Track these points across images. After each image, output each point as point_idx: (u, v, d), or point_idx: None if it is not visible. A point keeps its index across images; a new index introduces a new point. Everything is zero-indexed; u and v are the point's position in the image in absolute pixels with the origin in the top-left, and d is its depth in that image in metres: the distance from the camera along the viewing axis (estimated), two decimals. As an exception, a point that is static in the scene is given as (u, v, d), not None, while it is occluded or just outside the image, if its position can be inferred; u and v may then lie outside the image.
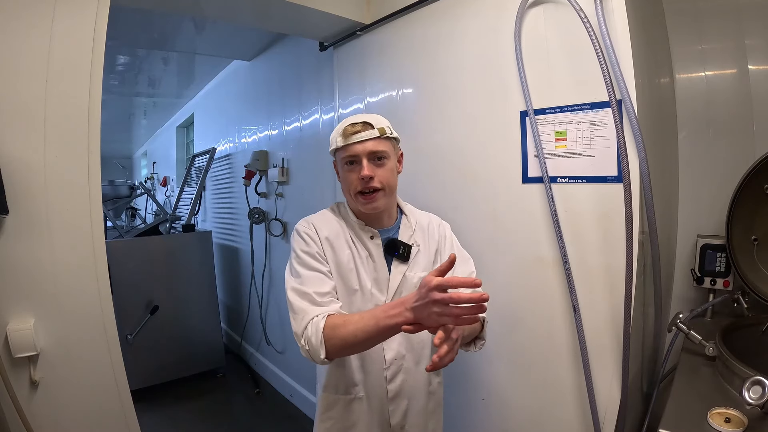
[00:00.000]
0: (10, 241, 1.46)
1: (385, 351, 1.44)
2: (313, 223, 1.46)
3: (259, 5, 2.28)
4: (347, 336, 1.21)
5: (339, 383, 1.48)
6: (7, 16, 1.44)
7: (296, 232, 1.45)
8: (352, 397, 1.47)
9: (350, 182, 1.41)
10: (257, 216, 4.02)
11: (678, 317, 1.53)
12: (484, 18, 1.85)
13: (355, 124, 1.39)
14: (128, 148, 10.77)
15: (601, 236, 1.54)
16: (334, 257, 1.43)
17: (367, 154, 1.37)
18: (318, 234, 1.43)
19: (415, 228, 1.54)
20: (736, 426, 1.04)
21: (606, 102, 1.47)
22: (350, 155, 1.38)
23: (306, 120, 3.38)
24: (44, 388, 1.52)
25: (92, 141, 1.59)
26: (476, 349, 1.49)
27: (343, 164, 1.42)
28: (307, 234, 1.43)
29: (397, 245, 1.46)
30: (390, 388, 1.47)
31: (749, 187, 1.55)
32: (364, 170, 1.36)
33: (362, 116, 1.43)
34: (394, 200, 1.53)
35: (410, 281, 1.47)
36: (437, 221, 1.62)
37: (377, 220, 1.49)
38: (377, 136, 1.38)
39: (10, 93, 1.45)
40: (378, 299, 1.43)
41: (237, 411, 3.80)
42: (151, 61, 4.47)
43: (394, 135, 1.45)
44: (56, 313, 1.54)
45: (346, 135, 1.38)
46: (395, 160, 1.47)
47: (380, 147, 1.38)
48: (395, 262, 1.47)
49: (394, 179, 1.45)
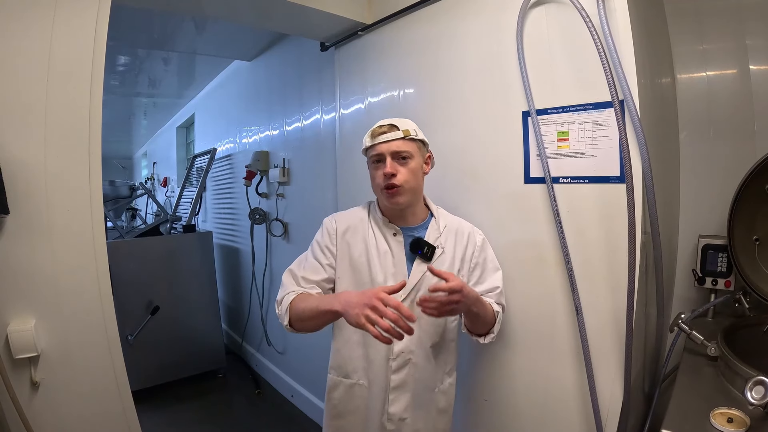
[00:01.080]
0: (10, 242, 1.45)
1: (395, 343, 1.44)
2: (336, 218, 1.63)
3: (261, 5, 2.28)
4: (300, 311, 1.42)
5: (341, 366, 1.60)
6: (7, 17, 1.44)
7: (322, 224, 1.64)
8: (353, 382, 1.58)
9: (376, 179, 1.53)
10: (258, 216, 4.01)
11: (680, 317, 1.53)
12: (486, 18, 1.85)
13: (382, 126, 1.54)
14: (128, 148, 10.78)
15: (603, 236, 1.54)
16: (348, 251, 1.57)
17: (391, 153, 1.50)
18: (336, 228, 1.59)
19: (443, 231, 1.62)
20: (739, 426, 1.04)
21: (608, 102, 1.47)
22: (376, 154, 1.52)
23: (307, 120, 3.38)
24: (45, 389, 1.52)
25: (93, 141, 1.58)
26: (485, 340, 1.58)
27: (371, 162, 1.56)
28: (327, 227, 1.61)
29: (422, 244, 1.54)
30: (393, 378, 1.53)
31: (751, 187, 1.55)
32: (387, 167, 1.48)
33: (391, 119, 1.57)
34: (419, 199, 1.63)
35: (429, 280, 1.50)
36: (468, 228, 1.68)
37: (401, 217, 1.60)
38: (401, 137, 1.51)
39: (11, 93, 1.45)
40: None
41: (238, 411, 3.80)
42: (151, 61, 4.47)
43: (420, 137, 1.57)
44: (57, 313, 1.54)
45: (374, 136, 1.53)
46: (420, 161, 1.57)
47: (404, 147, 1.51)
48: (417, 261, 1.55)
49: (417, 178, 1.55)
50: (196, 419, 3.64)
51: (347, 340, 1.58)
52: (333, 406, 1.62)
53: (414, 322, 1.22)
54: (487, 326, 1.55)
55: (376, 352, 1.54)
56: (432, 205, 1.69)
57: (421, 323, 1.51)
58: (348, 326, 1.47)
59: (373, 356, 1.55)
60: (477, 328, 1.56)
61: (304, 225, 3.42)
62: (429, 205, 1.69)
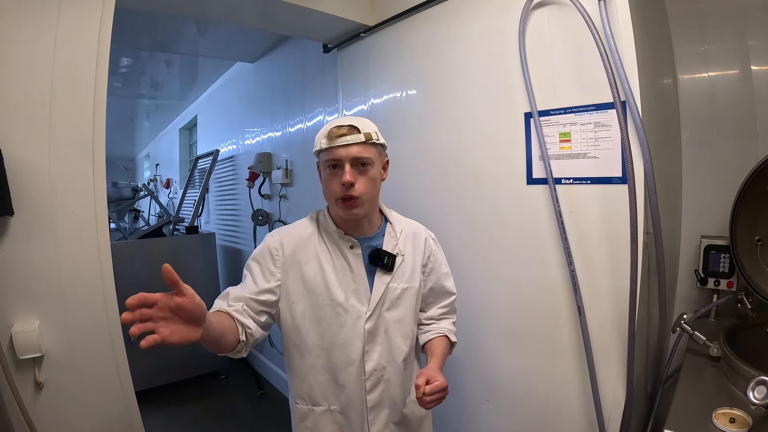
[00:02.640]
0: (15, 243, 1.46)
1: (366, 362, 1.40)
2: (282, 236, 1.44)
3: (264, 7, 2.29)
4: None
5: (309, 394, 1.45)
6: (12, 19, 1.45)
7: (263, 243, 1.44)
8: (325, 408, 1.44)
9: (331, 187, 1.36)
10: (261, 218, 4.02)
11: (682, 318, 1.52)
12: (489, 20, 1.85)
13: (341, 127, 1.33)
14: (131, 149, 10.81)
15: (605, 237, 1.54)
16: (300, 272, 1.40)
17: (350, 160, 1.32)
18: (283, 249, 1.41)
19: (400, 237, 1.50)
20: (741, 426, 1.04)
21: (610, 103, 1.47)
22: (333, 159, 1.33)
23: (310, 122, 3.39)
24: (49, 389, 1.53)
25: (97, 142, 1.59)
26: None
27: (326, 167, 1.37)
28: (269, 247, 1.41)
29: (381, 255, 1.42)
30: (369, 398, 1.42)
31: (753, 188, 1.55)
32: (346, 176, 1.30)
33: (349, 119, 1.38)
34: (376, 208, 1.48)
35: (393, 292, 1.44)
36: (425, 232, 1.58)
37: (357, 227, 1.44)
38: (362, 141, 1.32)
39: (16, 95, 1.46)
40: (359, 310, 1.39)
41: (240, 413, 3.80)
42: (154, 63, 4.49)
43: (381, 141, 1.38)
44: (61, 314, 1.55)
45: (331, 137, 1.33)
46: (379, 168, 1.41)
47: (365, 153, 1.33)
48: (378, 273, 1.43)
49: (375, 188, 1.39)
50: (198, 420, 3.64)
51: (311, 366, 1.42)
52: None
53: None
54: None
55: (346, 375, 1.40)
56: (385, 209, 1.54)
57: (389, 338, 1.44)
58: (312, 351, 1.41)
59: (343, 380, 1.41)
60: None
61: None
62: (383, 210, 1.53)
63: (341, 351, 1.40)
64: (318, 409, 1.44)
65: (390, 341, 1.44)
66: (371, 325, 1.40)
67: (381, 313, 1.42)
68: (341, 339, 1.39)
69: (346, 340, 1.39)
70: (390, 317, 1.43)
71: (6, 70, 1.44)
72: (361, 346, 1.39)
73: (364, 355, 1.40)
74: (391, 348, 1.44)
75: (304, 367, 1.44)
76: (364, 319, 1.39)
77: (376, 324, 1.41)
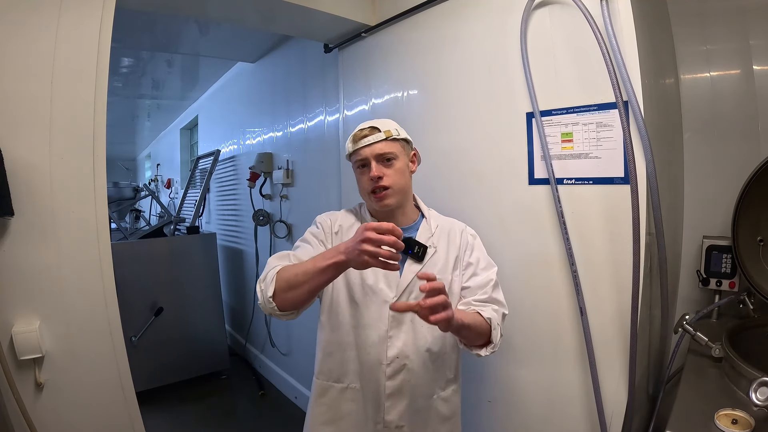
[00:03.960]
0: (15, 243, 1.46)
1: (388, 348, 1.46)
2: (330, 217, 1.60)
3: (265, 7, 2.29)
4: (290, 276, 1.28)
5: (332, 370, 1.54)
6: (12, 19, 1.45)
7: (317, 221, 1.60)
8: (345, 386, 1.52)
9: (363, 183, 1.51)
10: (262, 218, 4.02)
11: (684, 318, 1.52)
12: (490, 19, 1.85)
13: (363, 129, 1.50)
14: (132, 150, 10.82)
15: (607, 238, 1.54)
16: None
17: (375, 156, 1.46)
18: (331, 226, 1.56)
19: (435, 231, 1.56)
20: (743, 427, 1.03)
21: (612, 103, 1.46)
22: (360, 159, 1.49)
23: (311, 122, 3.39)
24: (49, 390, 1.53)
25: (98, 143, 1.59)
26: (485, 352, 1.43)
27: (356, 168, 1.53)
28: (321, 223, 1.57)
29: (412, 244, 1.49)
30: (389, 384, 1.47)
31: (755, 188, 1.54)
32: (373, 171, 1.45)
33: (370, 121, 1.54)
34: (408, 199, 1.58)
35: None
36: (461, 227, 1.63)
37: (391, 218, 1.52)
38: (383, 138, 1.47)
39: (16, 95, 1.46)
40: (386, 294, 1.46)
41: (241, 413, 3.81)
42: (155, 63, 4.48)
43: (402, 136, 1.52)
44: (62, 315, 1.55)
45: (356, 140, 1.50)
46: (406, 161, 1.53)
47: (387, 149, 1.47)
48: (409, 261, 1.50)
49: (404, 178, 1.51)
50: (199, 420, 3.64)
51: (339, 342, 1.51)
52: (322, 412, 1.55)
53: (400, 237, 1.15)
54: (482, 337, 1.41)
55: (367, 356, 1.48)
56: (423, 205, 1.64)
57: (416, 327, 1.47)
58: (342, 327, 1.49)
59: (364, 359, 1.48)
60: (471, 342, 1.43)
61: (308, 226, 3.39)
62: (420, 206, 1.64)
63: (367, 331, 1.47)
64: (338, 386, 1.53)
65: (416, 331, 1.48)
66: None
67: (408, 299, 1.45)
68: (367, 319, 1.47)
69: (371, 321, 1.47)
70: None
71: (6, 70, 1.44)
72: (385, 330, 1.46)
73: (387, 340, 1.46)
74: (416, 338, 1.48)
75: (333, 343, 1.53)
76: (389, 304, 1.41)
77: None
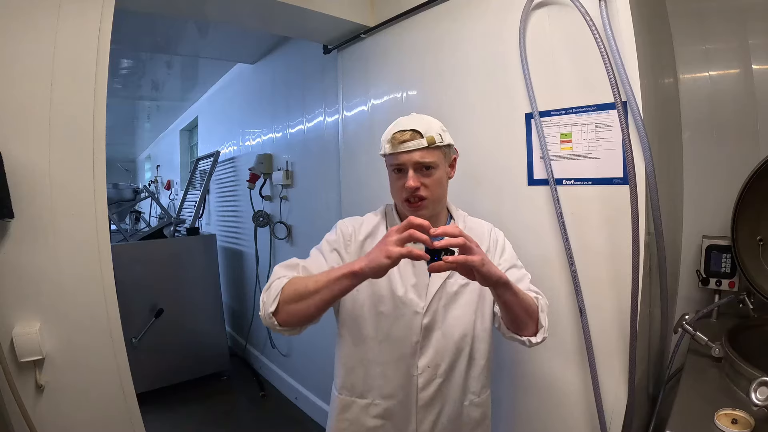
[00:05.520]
0: (15, 245, 1.46)
1: (420, 357, 1.39)
2: (354, 224, 1.48)
3: (264, 9, 2.29)
4: (299, 286, 1.22)
5: (354, 386, 1.45)
6: (11, 21, 1.45)
7: (337, 227, 1.47)
8: (369, 401, 1.43)
9: (397, 189, 1.39)
10: (261, 219, 4.02)
11: (684, 318, 1.52)
12: (489, 20, 1.85)
13: (404, 132, 1.34)
14: (132, 151, 10.82)
15: (607, 238, 1.54)
16: None
17: (413, 164, 1.33)
18: (354, 235, 1.45)
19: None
20: (743, 427, 1.03)
21: (611, 104, 1.47)
22: (397, 164, 1.35)
23: (310, 123, 3.39)
24: (50, 392, 1.52)
25: (97, 144, 1.59)
26: (537, 339, 1.34)
27: (391, 171, 1.40)
28: (342, 231, 1.45)
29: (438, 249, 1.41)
30: (422, 396, 1.40)
31: (754, 187, 1.54)
32: (410, 181, 1.32)
33: (413, 121, 1.38)
34: (442, 207, 1.48)
35: (450, 288, 1.41)
36: (488, 227, 1.55)
37: None
38: (425, 146, 1.32)
39: (15, 97, 1.46)
40: (416, 304, 1.39)
41: (241, 414, 3.80)
42: (154, 64, 4.49)
43: (446, 143, 1.37)
44: (62, 317, 1.54)
45: (394, 143, 1.34)
46: (445, 168, 1.41)
47: (428, 158, 1.33)
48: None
49: (441, 188, 1.40)
50: (199, 422, 3.64)
51: (362, 358, 1.43)
52: (344, 428, 1.46)
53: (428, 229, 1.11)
54: (529, 315, 1.31)
55: (398, 370, 1.40)
56: (452, 206, 1.55)
57: (447, 334, 1.40)
58: (366, 342, 1.41)
59: (392, 374, 1.40)
60: (520, 322, 1.32)
61: (308, 227, 3.43)
62: (449, 209, 1.55)
63: (395, 344, 1.40)
64: (361, 402, 1.44)
65: (447, 338, 1.41)
66: (428, 320, 1.39)
67: (438, 309, 1.40)
68: (396, 332, 1.39)
69: (401, 333, 1.39)
70: (448, 313, 1.41)
71: (5, 71, 1.44)
72: (416, 341, 1.39)
73: (419, 351, 1.39)
74: (447, 345, 1.41)
75: (355, 358, 1.44)
76: (421, 314, 1.38)
77: (433, 319, 1.39)
